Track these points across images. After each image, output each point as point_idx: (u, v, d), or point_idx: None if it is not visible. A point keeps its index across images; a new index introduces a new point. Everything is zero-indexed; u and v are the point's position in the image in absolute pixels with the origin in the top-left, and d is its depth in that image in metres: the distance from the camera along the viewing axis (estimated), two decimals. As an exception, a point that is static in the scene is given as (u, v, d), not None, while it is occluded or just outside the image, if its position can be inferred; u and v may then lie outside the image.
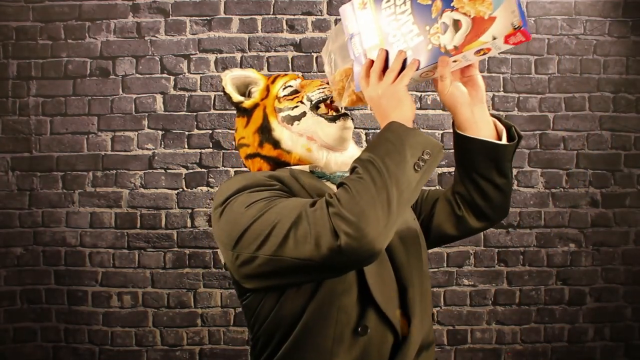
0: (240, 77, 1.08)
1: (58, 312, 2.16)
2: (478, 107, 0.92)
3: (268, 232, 0.77)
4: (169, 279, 2.17)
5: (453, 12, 0.79)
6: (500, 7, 0.76)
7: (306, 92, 1.01)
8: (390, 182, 0.74)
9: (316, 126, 0.98)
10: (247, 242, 0.79)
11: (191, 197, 2.18)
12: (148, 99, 2.19)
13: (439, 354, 2.17)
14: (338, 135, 0.98)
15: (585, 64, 2.23)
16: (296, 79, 1.08)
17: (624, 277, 2.21)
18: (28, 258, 2.17)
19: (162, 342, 2.16)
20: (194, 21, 2.19)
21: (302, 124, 0.99)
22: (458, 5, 0.79)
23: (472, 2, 0.78)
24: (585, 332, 2.20)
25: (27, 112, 2.18)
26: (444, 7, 0.80)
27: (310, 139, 0.99)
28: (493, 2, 0.76)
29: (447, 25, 0.80)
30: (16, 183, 2.18)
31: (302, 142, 0.99)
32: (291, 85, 1.05)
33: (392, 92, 0.83)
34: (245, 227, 0.80)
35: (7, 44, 2.17)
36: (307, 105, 0.99)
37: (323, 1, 2.19)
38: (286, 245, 0.75)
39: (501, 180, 0.97)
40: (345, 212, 0.72)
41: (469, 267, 2.20)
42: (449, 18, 0.80)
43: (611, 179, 2.22)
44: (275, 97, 1.04)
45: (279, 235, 0.76)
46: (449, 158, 2.20)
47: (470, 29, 0.78)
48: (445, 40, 0.80)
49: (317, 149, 0.99)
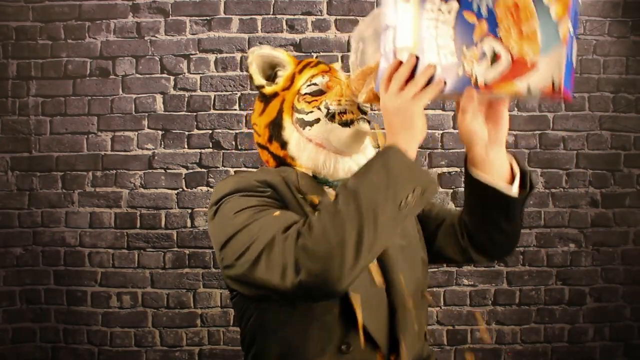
0: (268, 57, 1.02)
1: (57, 313, 2.16)
2: (495, 149, 0.83)
3: (247, 246, 0.77)
4: (168, 279, 2.16)
5: (496, 41, 0.70)
6: (547, 54, 0.66)
7: (326, 99, 0.95)
8: (367, 222, 0.70)
9: (328, 133, 0.94)
10: (231, 250, 0.80)
11: (191, 197, 2.18)
12: (148, 99, 2.19)
13: (438, 354, 2.16)
14: (350, 140, 0.94)
15: (585, 64, 2.23)
16: (325, 73, 1.00)
17: (624, 277, 2.21)
18: (27, 258, 2.17)
19: (162, 343, 2.16)
20: (193, 21, 2.19)
21: (313, 130, 0.95)
22: (503, 35, 0.69)
23: (520, 37, 0.68)
24: (585, 332, 2.20)
25: (27, 112, 2.18)
26: (489, 31, 0.70)
27: (319, 146, 0.95)
28: (542, 45, 0.67)
29: (485, 54, 0.71)
30: (16, 183, 2.17)
31: (309, 150, 0.95)
32: (316, 84, 0.98)
33: (408, 109, 0.76)
34: (230, 235, 0.80)
35: (7, 44, 2.17)
36: (324, 112, 0.94)
37: (323, 1, 2.20)
38: (258, 266, 0.75)
39: (509, 227, 0.90)
40: (312, 247, 0.70)
41: (469, 267, 2.20)
42: (489, 47, 0.70)
43: (611, 179, 2.22)
44: (296, 92, 0.99)
45: (253, 253, 0.76)
46: (449, 158, 2.20)
47: (508, 68, 0.69)
48: (478, 71, 0.72)
49: (324, 157, 0.95)
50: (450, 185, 2.20)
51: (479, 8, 0.71)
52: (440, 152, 2.20)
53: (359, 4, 2.20)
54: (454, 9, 0.73)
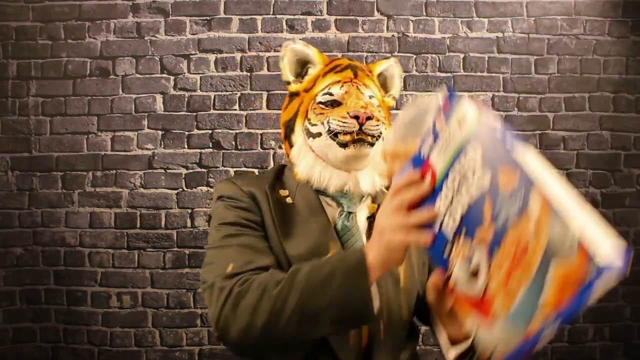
0: (300, 53, 1.03)
1: (57, 313, 2.16)
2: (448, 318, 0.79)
3: (208, 268, 0.86)
4: (168, 279, 2.16)
5: (485, 260, 0.58)
6: (509, 325, 0.55)
7: (331, 115, 0.95)
8: (290, 315, 0.74)
9: (327, 149, 0.96)
10: (204, 260, 0.90)
11: (191, 197, 2.18)
12: (148, 99, 2.19)
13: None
14: (345, 160, 0.95)
15: (585, 64, 2.23)
16: (344, 83, 0.97)
17: (624, 277, 2.20)
18: (27, 258, 2.17)
19: (162, 343, 2.16)
20: (193, 21, 2.19)
21: (315, 142, 0.97)
22: (495, 263, 0.57)
23: (504, 282, 0.55)
24: (585, 332, 2.20)
25: (27, 112, 2.18)
26: (489, 243, 0.58)
27: (318, 158, 0.98)
28: (512, 311, 0.54)
29: (471, 261, 0.60)
30: (16, 183, 2.17)
31: (308, 159, 0.98)
32: (332, 93, 0.97)
33: (392, 240, 0.69)
34: (207, 247, 0.91)
35: (7, 44, 2.17)
36: (326, 127, 0.95)
37: (323, 1, 2.20)
38: (206, 292, 0.84)
39: None
40: (230, 311, 0.77)
41: (469, 267, 2.19)
42: (478, 259, 0.59)
43: (611, 179, 2.22)
44: (313, 97, 0.99)
45: (206, 280, 0.85)
46: (449, 158, 2.20)
47: (474, 296, 0.60)
48: (456, 269, 0.62)
49: (321, 169, 0.97)
50: (450, 185, 2.20)
51: (499, 213, 0.57)
52: (440, 152, 2.20)
53: (359, 4, 2.20)
54: (482, 186, 0.59)
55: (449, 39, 2.21)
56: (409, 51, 2.21)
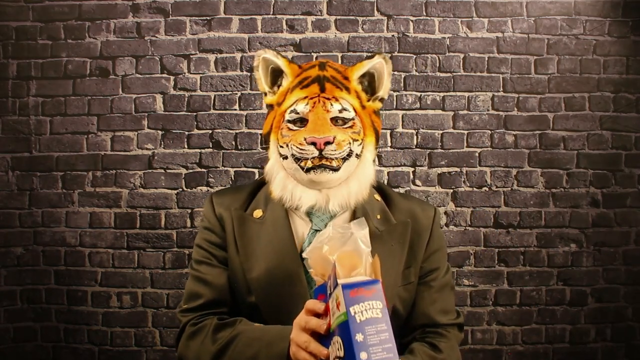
0: (272, 63, 1.00)
1: (58, 312, 2.16)
2: None
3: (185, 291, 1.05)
4: (168, 279, 2.16)
5: None
6: None
7: (293, 140, 0.94)
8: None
9: (294, 171, 0.96)
10: None
11: (191, 197, 2.18)
12: (148, 99, 2.19)
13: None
14: (309, 183, 0.96)
15: (585, 64, 2.22)
16: (309, 99, 0.95)
17: (625, 277, 2.20)
18: (28, 258, 2.17)
19: (162, 343, 2.16)
20: (193, 21, 2.19)
21: (285, 163, 0.98)
22: None
23: None
24: (586, 333, 2.19)
25: (27, 112, 2.18)
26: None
27: (289, 177, 0.99)
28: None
29: None
30: (16, 183, 2.18)
31: (280, 177, 0.99)
32: (297, 112, 0.95)
33: (298, 353, 0.78)
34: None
35: (7, 44, 2.18)
36: (290, 151, 0.95)
37: (323, 1, 2.20)
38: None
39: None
40: (184, 346, 0.97)
41: (469, 267, 2.19)
42: None
43: (612, 179, 2.22)
44: (282, 115, 0.98)
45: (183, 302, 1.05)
46: (449, 158, 2.19)
47: None
48: None
49: (292, 187, 0.98)
50: (450, 186, 2.19)
51: None
52: (440, 152, 2.20)
53: (359, 4, 2.20)
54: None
55: (449, 39, 2.21)
56: (408, 51, 2.21)
